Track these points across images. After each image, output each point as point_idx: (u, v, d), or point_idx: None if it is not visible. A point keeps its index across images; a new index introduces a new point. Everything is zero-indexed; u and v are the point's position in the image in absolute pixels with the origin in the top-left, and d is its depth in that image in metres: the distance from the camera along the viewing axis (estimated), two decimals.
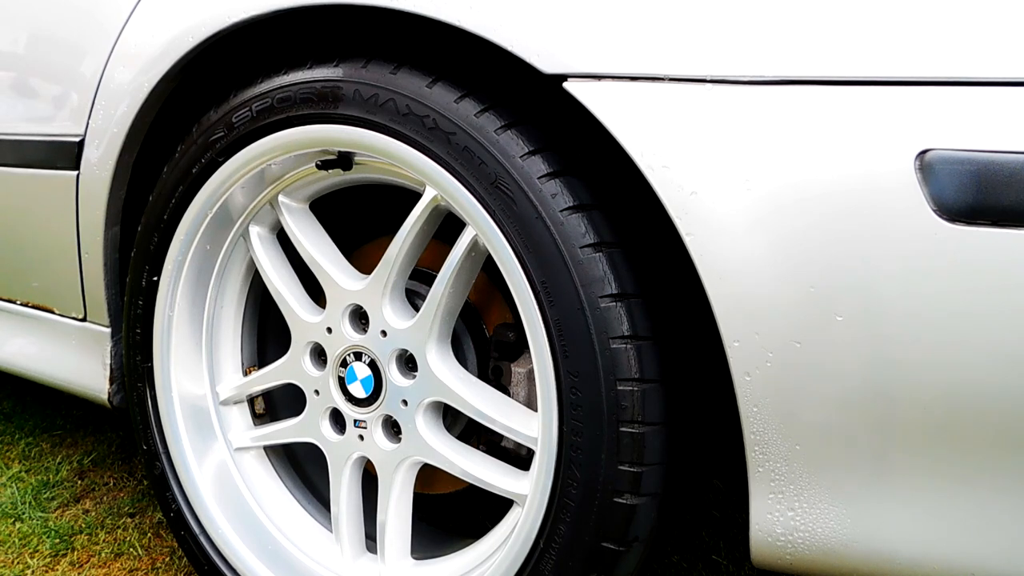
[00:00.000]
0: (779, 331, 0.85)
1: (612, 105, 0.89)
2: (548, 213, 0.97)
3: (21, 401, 2.20)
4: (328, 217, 1.26)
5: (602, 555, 1.00)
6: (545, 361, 1.00)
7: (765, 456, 0.89)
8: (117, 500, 1.77)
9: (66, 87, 1.39)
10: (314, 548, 1.32)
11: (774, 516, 0.90)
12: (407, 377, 1.15)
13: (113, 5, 1.31)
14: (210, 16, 1.15)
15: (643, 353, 0.96)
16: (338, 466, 1.24)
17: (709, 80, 0.86)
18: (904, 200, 0.78)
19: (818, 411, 0.86)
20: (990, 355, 0.78)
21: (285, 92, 1.13)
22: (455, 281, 1.09)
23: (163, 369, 1.33)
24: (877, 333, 0.81)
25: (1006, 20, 0.78)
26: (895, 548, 0.86)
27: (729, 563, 1.47)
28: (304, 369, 1.25)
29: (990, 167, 0.76)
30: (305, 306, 1.25)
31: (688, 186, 0.86)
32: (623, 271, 0.97)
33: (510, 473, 1.12)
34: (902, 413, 0.83)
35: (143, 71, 1.24)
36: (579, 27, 0.92)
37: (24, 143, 1.45)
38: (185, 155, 1.24)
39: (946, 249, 0.78)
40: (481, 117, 1.00)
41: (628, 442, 0.96)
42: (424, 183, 1.07)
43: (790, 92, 0.83)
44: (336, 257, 1.22)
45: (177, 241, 1.27)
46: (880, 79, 0.80)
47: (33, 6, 1.47)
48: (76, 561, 1.56)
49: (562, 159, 0.99)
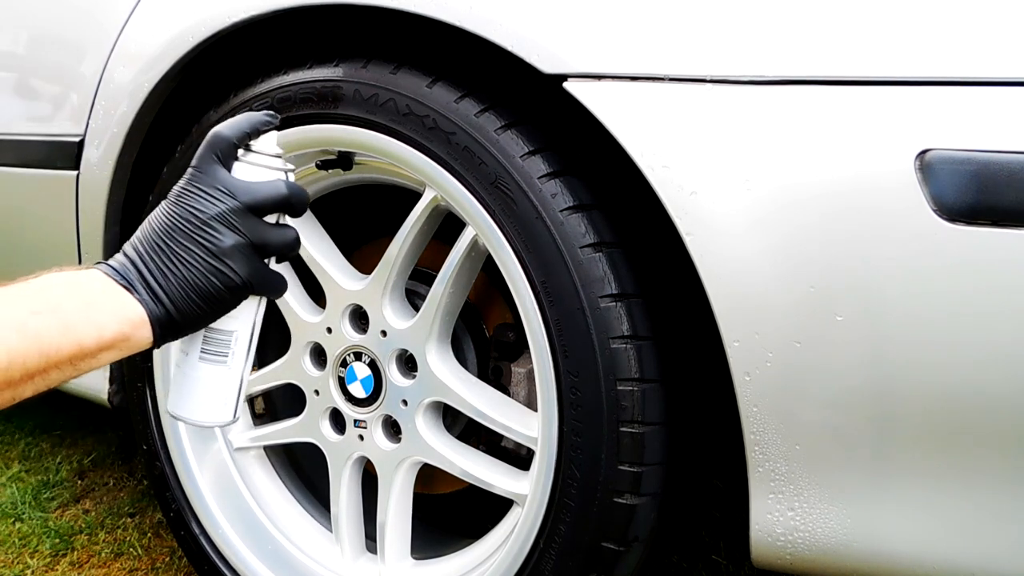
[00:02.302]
0: (779, 331, 0.85)
1: (612, 105, 0.89)
2: (548, 213, 0.97)
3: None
4: (328, 217, 1.26)
5: (602, 555, 1.00)
6: (545, 361, 1.00)
7: (765, 456, 0.89)
8: (117, 500, 1.77)
9: (66, 87, 1.39)
10: (314, 548, 1.31)
11: (774, 516, 0.90)
12: (407, 377, 1.15)
13: (113, 5, 1.31)
14: (210, 16, 1.15)
15: (643, 353, 0.96)
16: (338, 466, 1.24)
17: (709, 80, 0.86)
18: (904, 200, 0.78)
19: (818, 411, 0.86)
20: (990, 355, 0.78)
21: (285, 92, 1.13)
22: (455, 281, 1.09)
23: (163, 369, 1.33)
24: (877, 333, 0.81)
25: (1006, 20, 0.78)
26: (895, 548, 0.86)
27: (729, 563, 1.47)
28: (304, 369, 1.25)
29: (990, 167, 0.76)
30: (305, 306, 1.25)
31: (688, 186, 0.86)
32: (623, 271, 0.97)
33: (510, 473, 1.12)
34: (902, 413, 0.83)
35: (143, 71, 1.24)
36: (579, 27, 0.92)
37: (24, 143, 1.45)
38: (185, 155, 1.24)
39: (946, 249, 0.78)
40: (481, 117, 1.00)
41: (628, 442, 0.96)
42: (424, 183, 1.07)
43: (790, 92, 0.83)
44: (336, 257, 1.22)
45: None
46: (880, 79, 0.80)
47: (33, 6, 1.47)
48: (76, 561, 1.56)
49: (562, 159, 0.99)
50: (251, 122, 0.84)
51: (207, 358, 0.86)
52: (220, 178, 0.81)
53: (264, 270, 0.83)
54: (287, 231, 0.85)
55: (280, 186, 0.83)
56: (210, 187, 0.81)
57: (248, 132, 0.84)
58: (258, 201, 0.82)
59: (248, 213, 0.81)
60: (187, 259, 0.79)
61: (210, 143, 0.83)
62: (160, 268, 0.79)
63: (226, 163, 0.83)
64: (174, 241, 0.79)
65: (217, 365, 0.86)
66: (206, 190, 0.81)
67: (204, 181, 0.81)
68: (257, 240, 0.82)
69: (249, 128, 0.84)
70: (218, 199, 0.80)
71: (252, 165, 0.84)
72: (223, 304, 0.82)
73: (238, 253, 0.80)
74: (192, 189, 0.81)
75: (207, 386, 0.86)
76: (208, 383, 0.86)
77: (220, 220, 0.80)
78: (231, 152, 0.83)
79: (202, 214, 0.80)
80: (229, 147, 0.83)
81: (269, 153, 0.85)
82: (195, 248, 0.79)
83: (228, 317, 0.85)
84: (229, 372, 0.86)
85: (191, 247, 0.79)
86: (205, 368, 0.86)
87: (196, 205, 0.80)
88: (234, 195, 0.81)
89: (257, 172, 0.84)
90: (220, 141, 0.83)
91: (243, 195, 0.81)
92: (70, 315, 0.76)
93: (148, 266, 0.80)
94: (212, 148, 0.82)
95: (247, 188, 0.82)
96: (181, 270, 0.79)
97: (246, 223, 0.81)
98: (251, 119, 0.84)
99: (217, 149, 0.82)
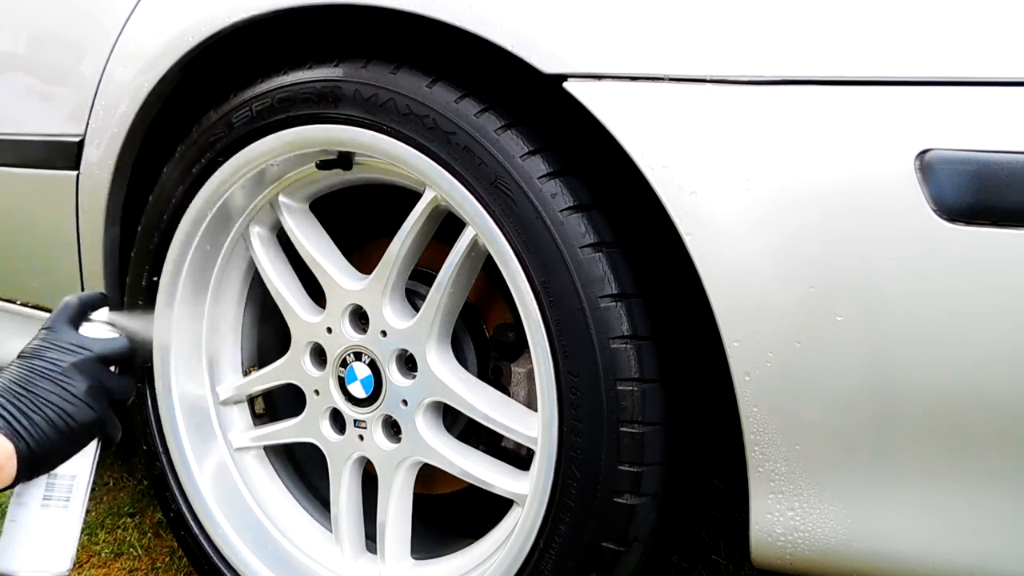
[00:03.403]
0: (779, 331, 0.85)
1: (612, 105, 0.89)
2: (548, 213, 0.97)
3: None
4: (328, 217, 1.26)
5: (602, 555, 1.00)
6: (545, 361, 1.00)
7: (765, 456, 0.89)
8: (117, 500, 1.76)
9: (66, 87, 1.39)
10: (314, 548, 1.31)
11: (774, 516, 0.90)
12: (407, 377, 1.15)
13: (113, 5, 1.31)
14: (210, 16, 1.15)
15: (643, 353, 0.96)
16: (338, 466, 1.24)
17: (709, 80, 0.86)
18: (904, 200, 0.78)
19: (818, 411, 0.86)
20: (990, 355, 0.78)
21: (285, 92, 1.13)
22: (455, 281, 1.09)
23: (163, 369, 1.33)
24: (877, 333, 0.81)
25: (1006, 20, 0.78)
26: (895, 548, 0.86)
27: (729, 563, 1.47)
28: (304, 369, 1.25)
29: (990, 167, 0.76)
30: (305, 306, 1.25)
31: (688, 186, 0.86)
32: (623, 271, 0.97)
33: (510, 473, 1.12)
34: (902, 413, 0.83)
35: (143, 71, 1.24)
36: (579, 27, 0.92)
37: (24, 143, 1.45)
38: (185, 155, 1.24)
39: (946, 249, 0.78)
40: (481, 117, 1.00)
41: (628, 442, 0.96)
42: (424, 183, 1.07)
43: (790, 92, 0.83)
44: (336, 257, 1.22)
45: (177, 241, 1.27)
46: (880, 79, 0.80)
47: (33, 6, 1.47)
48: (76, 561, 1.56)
49: (562, 159, 0.99)
50: (92, 296, 1.01)
51: (49, 504, 0.94)
52: (74, 336, 0.96)
53: (110, 412, 0.96)
54: (125, 380, 0.99)
55: (123, 342, 0.98)
56: (66, 343, 0.95)
57: (90, 303, 1.00)
58: (107, 353, 0.96)
59: (98, 363, 0.95)
60: (49, 401, 0.90)
61: (61, 310, 0.97)
62: (23, 411, 0.89)
63: (76, 325, 0.97)
64: (35, 387, 0.91)
65: (59, 510, 0.94)
66: (63, 345, 0.94)
67: (60, 339, 0.95)
68: (107, 385, 0.95)
69: (91, 300, 1.00)
70: (75, 351, 0.94)
71: (97, 327, 0.98)
72: (79, 441, 0.94)
73: (92, 396, 0.93)
74: (49, 345, 0.94)
75: (49, 533, 0.94)
76: (49, 529, 0.94)
77: (78, 368, 0.93)
78: (80, 317, 0.98)
79: (62, 363, 0.93)
80: (78, 313, 0.98)
81: (106, 321, 1.00)
82: (56, 391, 0.91)
83: (70, 461, 0.94)
84: (70, 516, 0.95)
85: (52, 391, 0.91)
86: (46, 515, 0.94)
87: (55, 356, 0.93)
88: (88, 348, 0.95)
89: (101, 333, 0.98)
90: (70, 309, 0.98)
91: (94, 348, 0.95)
92: None
93: (10, 410, 0.89)
94: (64, 313, 0.97)
95: (96, 343, 0.96)
96: (44, 410, 0.90)
97: (98, 371, 0.94)
98: (91, 295, 1.01)
99: (68, 315, 0.97)
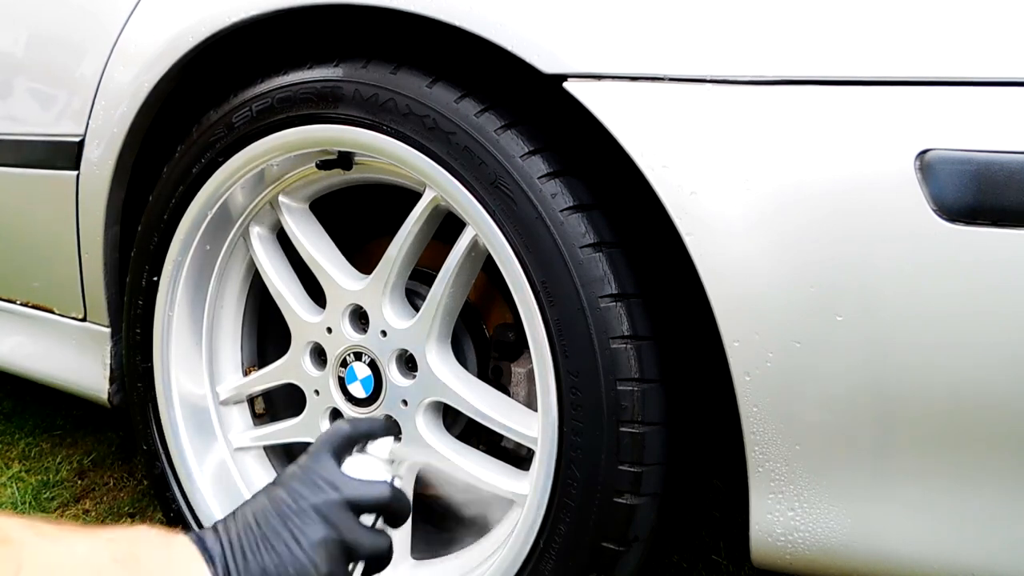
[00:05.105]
0: (779, 331, 0.85)
1: (612, 105, 0.89)
2: (548, 213, 0.97)
3: (21, 401, 2.20)
4: (328, 217, 1.26)
5: (602, 555, 1.00)
6: (545, 361, 1.00)
7: (765, 456, 0.89)
8: (117, 500, 1.76)
9: (66, 87, 1.39)
10: None
11: (774, 516, 0.90)
12: (407, 377, 1.15)
13: (113, 5, 1.31)
14: (210, 16, 1.15)
15: (643, 353, 0.96)
16: None
17: (709, 80, 0.86)
18: (904, 200, 0.78)
19: (818, 411, 0.86)
20: (990, 355, 0.78)
21: (285, 92, 1.13)
22: (455, 281, 1.09)
23: (163, 369, 1.33)
24: (877, 333, 0.81)
25: (1006, 20, 0.78)
26: (895, 548, 0.86)
27: (729, 563, 1.47)
28: (304, 369, 1.25)
29: (990, 167, 0.76)
30: (305, 306, 1.25)
31: (688, 186, 0.86)
32: (623, 271, 0.97)
33: (510, 473, 1.12)
34: (902, 413, 0.83)
35: (143, 71, 1.24)
36: (579, 27, 0.92)
37: (24, 143, 1.45)
38: (185, 155, 1.24)
39: (946, 249, 0.78)
40: (481, 117, 1.00)
41: (628, 442, 0.96)
42: (424, 183, 1.07)
43: (790, 92, 0.83)
44: (336, 257, 1.22)
45: (177, 241, 1.27)
46: (880, 79, 0.80)
47: (33, 6, 1.47)
48: None
49: (562, 159, 0.99)
50: (371, 425, 0.89)
51: None
52: (329, 469, 0.83)
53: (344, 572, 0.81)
54: (381, 538, 0.83)
55: (384, 488, 0.84)
56: (317, 476, 0.82)
57: (367, 433, 0.88)
58: (358, 498, 0.82)
59: (346, 508, 0.81)
60: (272, 545, 0.78)
61: (329, 435, 0.86)
62: (243, 549, 0.78)
63: (339, 457, 0.85)
64: (266, 524, 0.79)
65: None
66: (312, 478, 0.82)
67: (313, 470, 0.82)
68: (348, 539, 0.80)
69: (368, 430, 0.88)
70: (321, 488, 0.81)
71: (362, 465, 0.85)
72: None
73: (324, 549, 0.79)
74: (300, 474, 0.82)
75: None
76: None
77: (316, 510, 0.80)
78: (346, 448, 0.86)
79: (302, 500, 0.80)
80: (345, 443, 0.86)
81: (381, 457, 0.87)
82: (284, 534, 0.79)
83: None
84: None
85: (280, 532, 0.79)
86: None
87: (300, 489, 0.81)
88: (337, 488, 0.81)
89: (365, 472, 0.85)
90: (337, 436, 0.86)
91: (346, 489, 0.82)
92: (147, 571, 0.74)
93: (233, 544, 0.79)
94: (330, 440, 0.85)
95: (350, 483, 0.82)
96: (262, 554, 0.78)
97: (341, 519, 0.80)
98: (372, 423, 0.89)
99: (334, 443, 0.85)
